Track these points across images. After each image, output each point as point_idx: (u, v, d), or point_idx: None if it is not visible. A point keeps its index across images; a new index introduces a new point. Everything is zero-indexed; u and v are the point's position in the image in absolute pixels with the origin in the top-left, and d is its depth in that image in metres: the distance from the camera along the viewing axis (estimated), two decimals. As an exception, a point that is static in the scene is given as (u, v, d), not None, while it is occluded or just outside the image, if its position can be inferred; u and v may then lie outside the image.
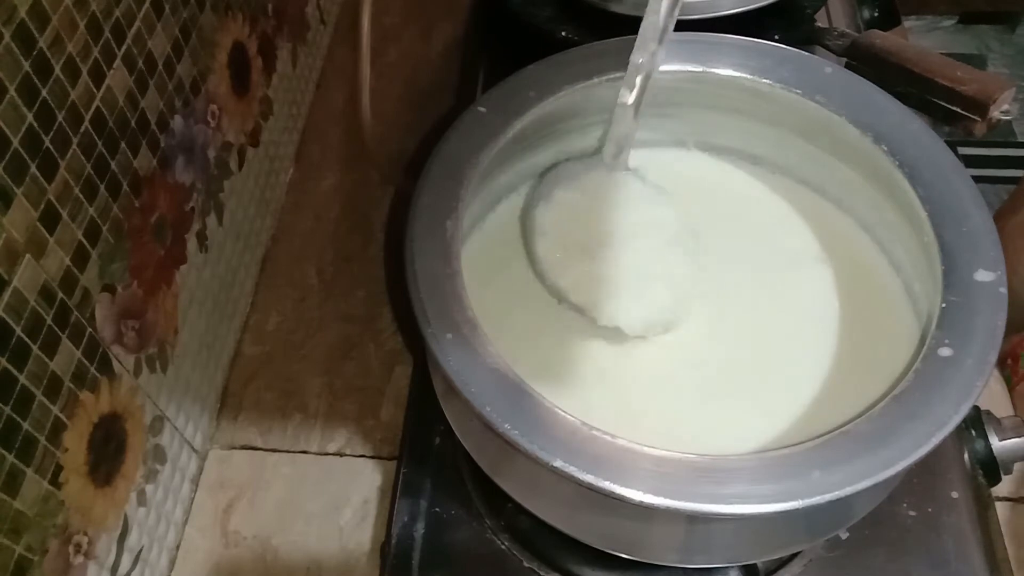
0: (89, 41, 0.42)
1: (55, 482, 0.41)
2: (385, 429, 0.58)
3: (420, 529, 0.47)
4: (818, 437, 0.34)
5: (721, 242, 0.46)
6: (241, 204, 0.62)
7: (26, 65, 0.38)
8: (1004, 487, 0.49)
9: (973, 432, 0.48)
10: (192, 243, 0.55)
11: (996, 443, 0.47)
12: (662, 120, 0.49)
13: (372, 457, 0.57)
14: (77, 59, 0.42)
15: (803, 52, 0.46)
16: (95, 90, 0.43)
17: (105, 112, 0.44)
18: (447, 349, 0.36)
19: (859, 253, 0.45)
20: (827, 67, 0.45)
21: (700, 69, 0.46)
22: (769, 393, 0.41)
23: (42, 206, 0.40)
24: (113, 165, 0.45)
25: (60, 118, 0.41)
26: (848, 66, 0.54)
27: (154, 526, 0.51)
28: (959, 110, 0.49)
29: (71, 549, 0.43)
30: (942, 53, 0.52)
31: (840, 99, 0.44)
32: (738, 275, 0.45)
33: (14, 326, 0.38)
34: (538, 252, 0.44)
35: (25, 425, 0.39)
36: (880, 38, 0.54)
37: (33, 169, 0.39)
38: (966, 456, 0.47)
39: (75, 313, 0.42)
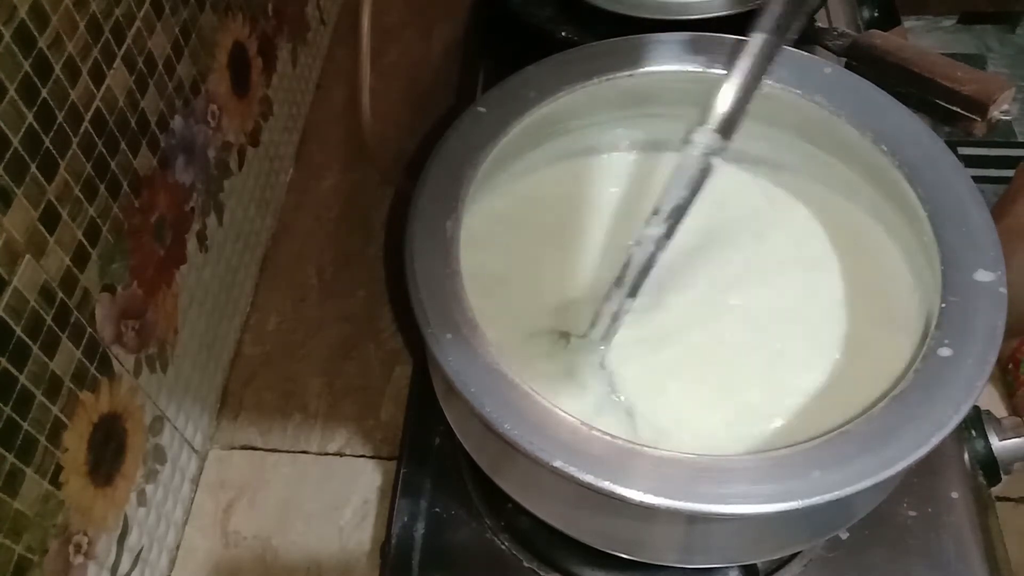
0: (89, 41, 0.42)
1: (55, 482, 0.42)
2: (385, 429, 0.58)
3: (420, 529, 0.47)
4: (818, 437, 0.34)
5: (724, 241, 0.46)
6: (241, 204, 0.62)
7: (26, 65, 0.38)
8: (1004, 487, 0.49)
9: (973, 432, 0.48)
10: (192, 243, 0.55)
11: (996, 443, 0.47)
12: (662, 120, 0.49)
13: (372, 457, 0.57)
14: (77, 59, 0.42)
15: (803, 52, 0.46)
16: (95, 90, 0.43)
17: (105, 112, 0.44)
18: (447, 349, 0.36)
19: (866, 251, 0.45)
20: (827, 67, 0.45)
21: (700, 69, 0.46)
22: (769, 392, 0.41)
23: (42, 206, 0.40)
24: (113, 165, 0.45)
25: (60, 118, 0.41)
26: (848, 66, 0.54)
27: (154, 526, 0.51)
28: (959, 110, 0.49)
29: (71, 549, 0.43)
30: (942, 53, 0.52)
31: (840, 99, 0.44)
32: (740, 275, 0.45)
33: (14, 326, 0.38)
34: None
35: (25, 425, 0.39)
36: (880, 38, 0.54)
37: (33, 169, 0.39)
38: (966, 456, 0.47)
39: (75, 313, 0.42)
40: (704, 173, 0.38)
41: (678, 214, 0.38)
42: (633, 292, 0.39)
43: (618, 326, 0.40)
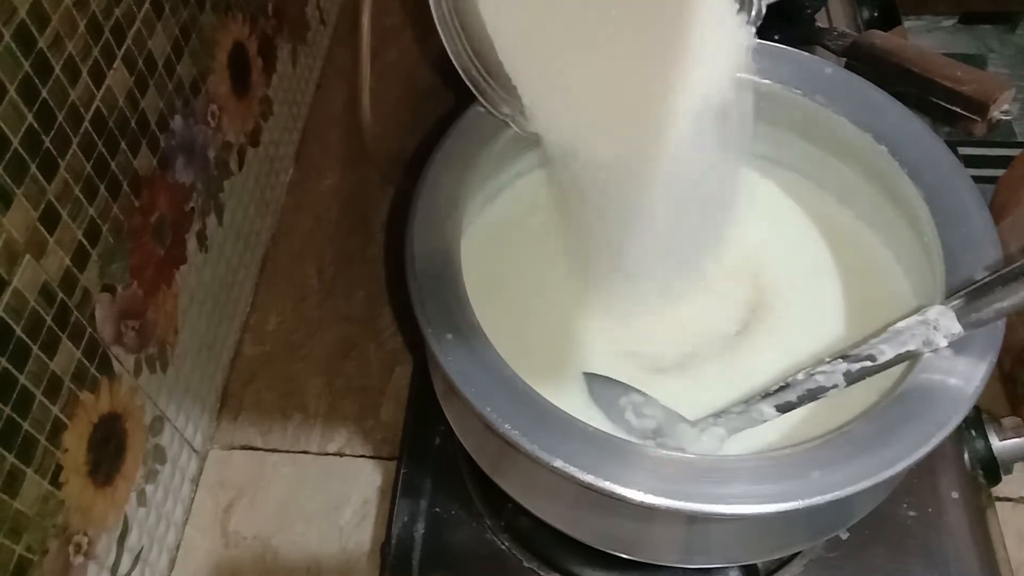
0: (89, 41, 0.42)
1: (55, 482, 0.41)
2: (385, 429, 0.58)
3: (420, 529, 0.47)
4: (818, 437, 0.34)
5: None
6: (241, 204, 0.62)
7: (26, 65, 0.38)
8: (1004, 487, 0.49)
9: (973, 432, 0.48)
10: (192, 243, 0.55)
11: (996, 443, 0.47)
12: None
13: (372, 457, 0.57)
14: (77, 59, 0.42)
15: (803, 52, 0.46)
16: (95, 90, 0.43)
17: (105, 112, 0.44)
18: (447, 349, 0.36)
19: (863, 250, 0.45)
20: (827, 67, 0.45)
21: (700, 69, 0.46)
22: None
23: (42, 206, 0.40)
24: (113, 165, 0.45)
25: (60, 118, 0.40)
26: (848, 66, 0.54)
27: (154, 526, 0.51)
28: (959, 110, 0.49)
29: (71, 549, 0.43)
30: (942, 53, 0.52)
31: (840, 99, 0.44)
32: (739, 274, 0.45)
33: (14, 326, 0.38)
34: None
35: (25, 425, 0.39)
36: (880, 38, 0.54)
37: (33, 169, 0.39)
38: (966, 456, 0.47)
39: (75, 313, 0.42)
40: (919, 351, 0.35)
41: (867, 368, 0.35)
42: (784, 410, 0.37)
43: (752, 425, 0.38)
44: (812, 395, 0.37)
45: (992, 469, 0.47)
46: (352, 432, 0.58)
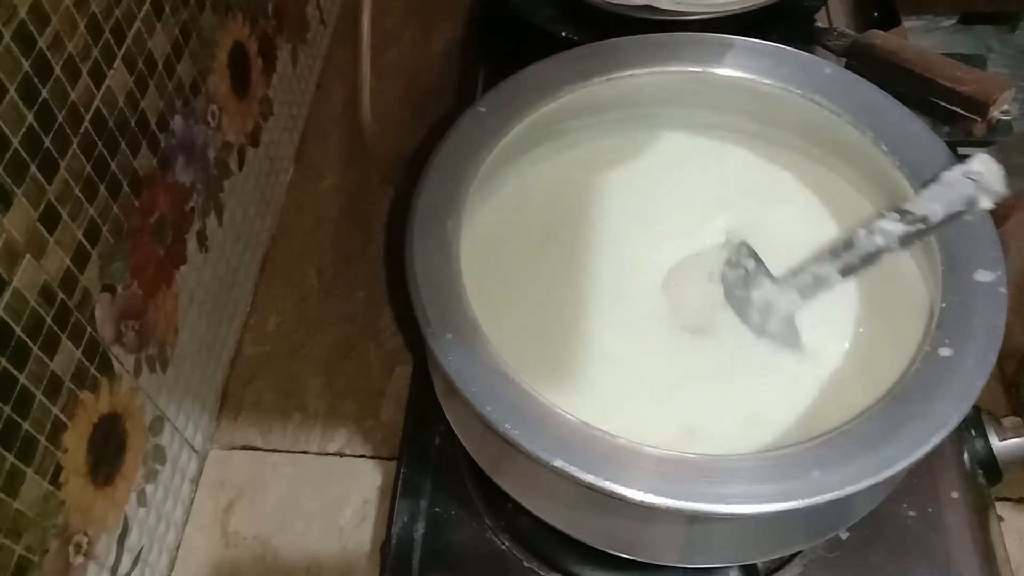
0: (89, 41, 0.42)
1: (55, 482, 0.42)
2: (385, 429, 0.58)
3: (420, 529, 0.47)
4: (818, 437, 0.34)
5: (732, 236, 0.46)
6: (241, 204, 0.62)
7: (26, 65, 0.38)
8: (1004, 487, 0.49)
9: (973, 432, 0.48)
10: (192, 243, 0.55)
11: (996, 443, 0.47)
12: (662, 120, 0.49)
13: (372, 457, 0.57)
14: (77, 59, 0.42)
15: (803, 52, 0.46)
16: (95, 90, 0.43)
17: (105, 112, 0.44)
18: (447, 349, 0.36)
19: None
20: (827, 67, 0.45)
21: (700, 69, 0.46)
22: (770, 391, 0.41)
23: (42, 206, 0.40)
24: (113, 165, 0.45)
25: (60, 118, 0.41)
26: (848, 66, 0.54)
27: (154, 526, 0.51)
28: (959, 110, 0.49)
29: (71, 549, 0.43)
30: (942, 53, 0.52)
31: (840, 99, 0.44)
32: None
33: (14, 326, 0.38)
34: None
35: (25, 425, 0.39)
36: (880, 38, 0.54)
37: (33, 169, 0.39)
38: (966, 456, 0.47)
39: (75, 313, 0.42)
40: (966, 211, 0.37)
41: (921, 230, 0.38)
42: (846, 274, 0.40)
43: (819, 291, 0.41)
44: (870, 258, 0.39)
45: (992, 469, 0.47)
46: (352, 432, 0.58)
